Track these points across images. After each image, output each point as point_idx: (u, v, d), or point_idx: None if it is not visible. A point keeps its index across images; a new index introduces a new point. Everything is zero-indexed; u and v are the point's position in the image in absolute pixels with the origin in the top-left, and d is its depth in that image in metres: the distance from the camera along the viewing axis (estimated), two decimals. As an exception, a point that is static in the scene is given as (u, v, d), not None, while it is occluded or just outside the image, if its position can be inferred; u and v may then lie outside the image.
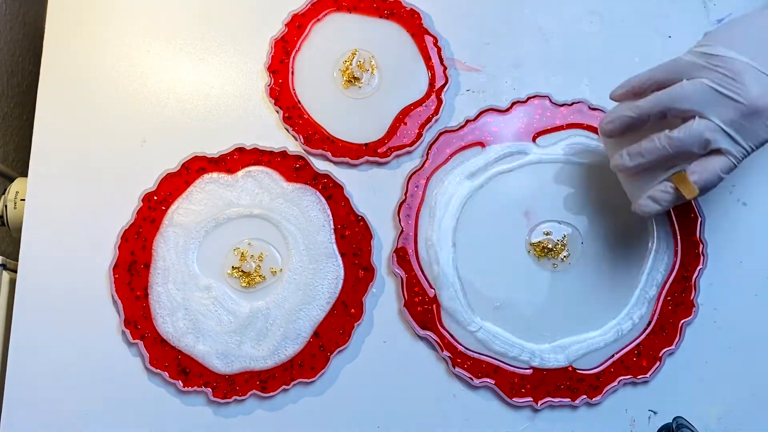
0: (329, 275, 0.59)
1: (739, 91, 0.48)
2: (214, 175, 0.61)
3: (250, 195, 0.61)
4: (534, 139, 0.63)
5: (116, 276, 0.59)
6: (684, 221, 0.61)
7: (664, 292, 0.60)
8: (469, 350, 0.58)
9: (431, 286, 0.59)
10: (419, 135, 0.63)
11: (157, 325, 0.58)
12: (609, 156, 0.55)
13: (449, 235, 0.60)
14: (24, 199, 0.62)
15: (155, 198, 0.60)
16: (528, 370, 0.58)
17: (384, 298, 0.60)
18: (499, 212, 0.61)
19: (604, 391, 0.58)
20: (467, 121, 0.63)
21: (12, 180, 0.65)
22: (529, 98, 0.64)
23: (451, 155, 0.62)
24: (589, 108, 0.63)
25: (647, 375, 0.59)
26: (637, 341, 0.59)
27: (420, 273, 0.60)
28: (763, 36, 0.49)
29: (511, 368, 0.58)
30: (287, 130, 0.63)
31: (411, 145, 0.62)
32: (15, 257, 0.61)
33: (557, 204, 0.62)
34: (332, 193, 0.61)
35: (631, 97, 0.52)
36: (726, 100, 0.48)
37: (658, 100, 0.49)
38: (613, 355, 0.59)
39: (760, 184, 0.63)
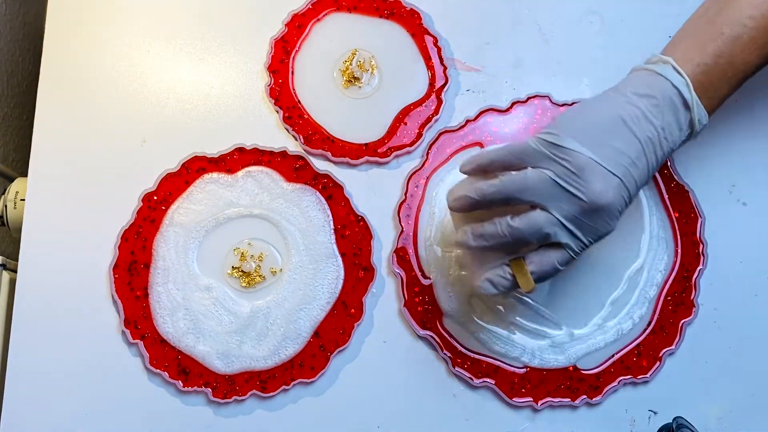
0: (329, 275, 0.59)
1: (581, 187, 0.47)
2: (214, 175, 0.61)
3: (250, 195, 0.61)
4: None
5: (116, 276, 0.59)
6: (684, 221, 0.61)
7: (664, 292, 0.60)
8: (469, 350, 0.58)
9: (431, 286, 0.59)
10: (419, 135, 0.63)
11: (157, 325, 0.58)
12: (454, 226, 0.54)
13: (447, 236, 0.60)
14: (24, 199, 0.62)
15: (155, 198, 0.60)
16: (522, 369, 0.58)
17: (384, 298, 0.60)
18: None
19: (604, 391, 0.58)
20: (467, 121, 0.63)
21: (12, 180, 0.65)
22: (529, 98, 0.64)
23: (451, 155, 0.62)
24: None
25: (647, 375, 0.59)
26: (637, 341, 0.59)
27: (420, 273, 0.60)
28: (607, 125, 0.48)
29: (512, 368, 0.58)
30: (287, 130, 0.63)
31: (411, 145, 0.62)
32: (15, 257, 0.61)
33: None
34: (332, 193, 0.61)
35: (479, 173, 0.51)
36: (568, 195, 0.47)
37: (502, 188, 0.48)
38: (613, 355, 0.59)
39: (760, 184, 0.63)
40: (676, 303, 0.60)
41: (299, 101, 0.63)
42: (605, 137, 0.48)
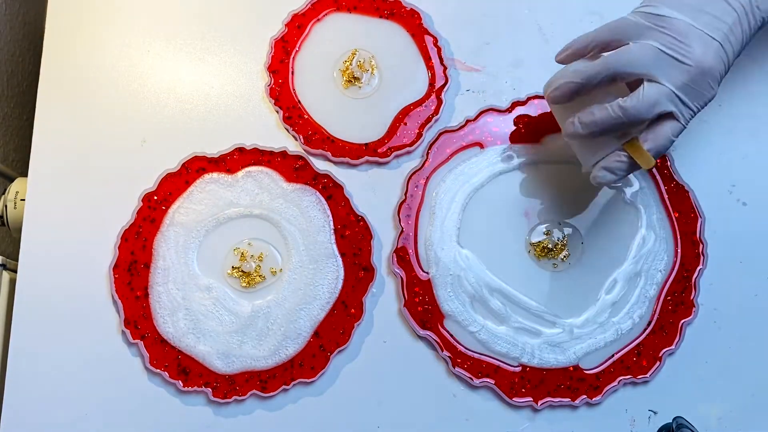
0: (329, 275, 0.59)
1: (686, 52, 0.48)
2: (215, 175, 0.61)
3: (250, 195, 0.61)
4: (539, 141, 0.63)
5: (116, 276, 0.59)
6: (684, 221, 0.61)
7: (664, 292, 0.60)
8: (470, 350, 0.58)
9: (431, 286, 0.59)
10: (419, 135, 0.63)
11: (157, 325, 0.58)
12: (559, 122, 0.54)
13: (449, 236, 0.60)
14: (24, 199, 0.62)
15: (155, 198, 0.60)
16: (518, 368, 0.58)
17: (384, 298, 0.60)
18: (499, 212, 0.61)
19: (604, 391, 0.58)
20: (467, 121, 0.63)
21: (12, 180, 0.65)
22: (529, 98, 0.64)
23: (451, 155, 0.62)
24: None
25: (647, 375, 0.59)
26: (637, 341, 0.59)
27: (420, 273, 0.60)
28: None
29: (512, 368, 0.58)
30: (287, 130, 0.63)
31: (411, 145, 0.62)
32: (15, 257, 0.61)
33: (557, 204, 0.62)
34: (332, 193, 0.61)
35: (576, 58, 0.52)
36: (674, 63, 0.48)
37: (606, 65, 0.49)
38: (613, 355, 0.59)
39: (760, 184, 0.64)
40: (676, 303, 0.60)
41: (299, 101, 0.63)
42: (702, 4, 0.49)
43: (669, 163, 0.63)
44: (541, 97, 0.64)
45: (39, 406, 0.57)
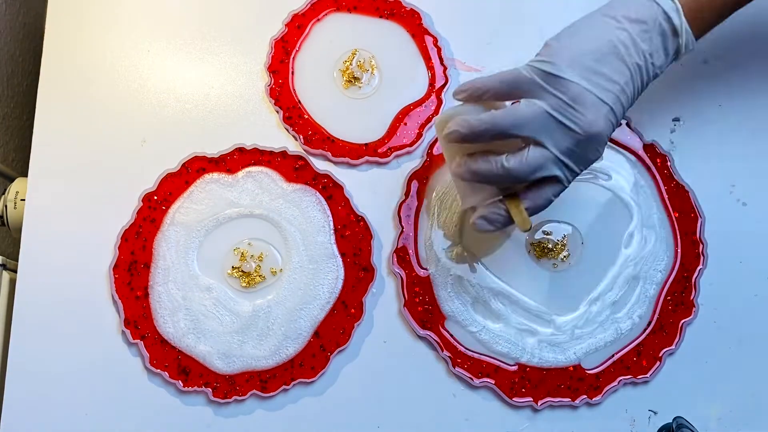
0: (329, 275, 0.59)
1: (575, 118, 0.47)
2: (215, 175, 0.61)
3: (250, 195, 0.61)
4: None
5: (116, 276, 0.59)
6: (684, 221, 0.61)
7: (664, 291, 0.60)
8: (470, 350, 0.58)
9: (431, 286, 0.59)
10: (419, 135, 0.63)
11: (158, 325, 0.58)
12: (445, 157, 0.53)
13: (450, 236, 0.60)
14: (24, 199, 0.62)
15: (155, 198, 0.60)
16: (517, 368, 0.58)
17: (384, 298, 0.60)
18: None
19: (604, 391, 0.58)
20: (467, 121, 0.63)
21: (12, 180, 0.65)
22: (529, 98, 0.64)
23: (451, 155, 0.62)
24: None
25: (647, 375, 0.59)
26: (637, 341, 0.59)
27: (419, 270, 0.60)
28: (599, 52, 0.48)
29: (512, 368, 0.58)
30: (287, 130, 0.63)
31: (411, 145, 0.62)
32: (15, 257, 0.61)
33: (557, 204, 0.61)
34: (332, 193, 0.61)
35: (471, 100, 0.50)
36: (562, 128, 0.47)
37: (494, 124, 0.48)
38: (613, 355, 0.59)
39: (760, 184, 0.64)
40: (676, 303, 0.60)
41: (299, 101, 0.63)
42: (597, 65, 0.48)
43: (669, 163, 0.63)
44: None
45: (39, 406, 0.57)
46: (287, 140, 0.63)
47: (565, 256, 0.60)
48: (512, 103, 0.50)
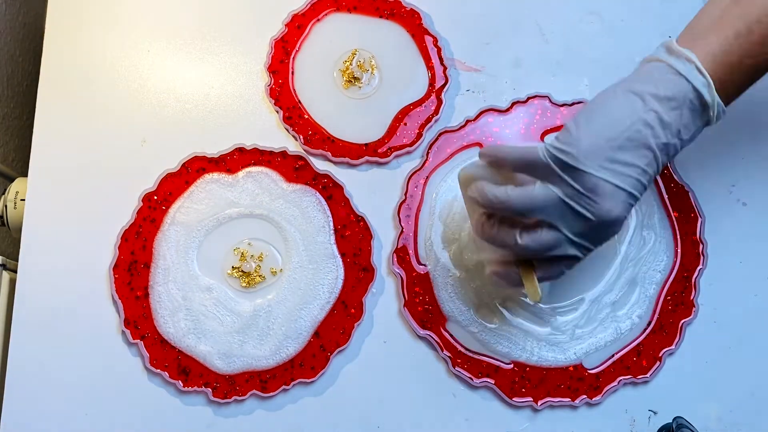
0: (329, 275, 0.59)
1: (591, 208, 0.46)
2: (215, 175, 0.61)
3: (250, 195, 0.61)
4: (542, 138, 0.63)
5: (116, 276, 0.59)
6: (684, 221, 0.61)
7: (664, 291, 0.60)
8: (470, 350, 0.58)
9: (431, 286, 0.59)
10: (419, 135, 0.63)
11: (158, 325, 0.58)
12: (467, 209, 0.53)
13: (450, 236, 0.60)
14: (24, 199, 0.62)
15: (155, 198, 0.60)
16: (517, 367, 0.58)
17: (384, 298, 0.60)
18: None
19: (604, 391, 0.58)
20: (467, 121, 0.63)
21: (12, 180, 0.65)
22: (529, 98, 0.64)
23: (451, 155, 0.62)
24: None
25: (647, 375, 0.59)
26: (637, 341, 0.59)
27: (418, 266, 0.60)
28: (624, 139, 0.46)
29: (511, 368, 0.58)
30: (287, 130, 0.63)
31: (411, 145, 0.62)
32: (15, 257, 0.61)
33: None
34: (332, 193, 0.61)
35: (492, 166, 0.50)
36: (577, 214, 0.46)
37: (508, 204, 0.47)
38: (613, 355, 0.59)
39: (760, 184, 0.64)
40: (676, 303, 0.60)
41: (299, 101, 0.63)
42: (617, 153, 0.46)
43: (669, 163, 0.63)
44: (542, 97, 0.64)
45: (39, 406, 0.57)
46: (287, 140, 0.63)
47: (565, 256, 0.60)
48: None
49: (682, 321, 0.60)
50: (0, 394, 0.58)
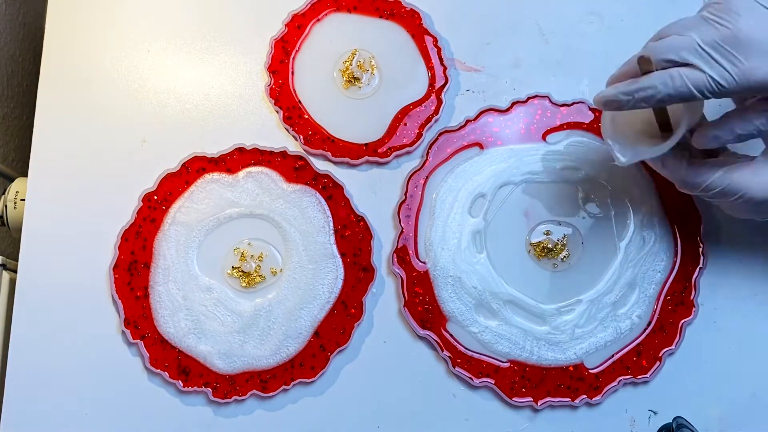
0: (329, 275, 0.59)
1: (730, 18, 0.43)
2: (215, 175, 0.61)
3: (250, 195, 0.61)
4: (544, 138, 0.63)
5: (116, 276, 0.59)
6: (684, 221, 0.61)
7: (664, 291, 0.60)
8: (470, 350, 0.58)
9: (432, 286, 0.59)
10: (419, 135, 0.63)
11: (158, 325, 0.58)
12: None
13: (450, 236, 0.60)
14: (24, 199, 0.62)
15: (155, 198, 0.60)
16: (516, 367, 0.58)
17: (384, 298, 0.60)
18: (498, 212, 0.61)
19: (604, 391, 0.58)
20: (467, 121, 0.63)
21: (12, 180, 0.65)
22: (529, 98, 0.64)
23: (451, 155, 0.62)
24: (589, 108, 0.63)
25: (647, 375, 0.59)
26: (637, 341, 0.59)
27: (417, 264, 0.60)
28: None
29: (512, 368, 0.58)
30: (287, 130, 0.63)
31: (411, 145, 0.63)
32: (15, 257, 0.61)
33: (557, 204, 0.62)
34: (332, 193, 0.61)
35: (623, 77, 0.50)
36: (712, 24, 0.44)
37: (644, 48, 0.46)
38: (613, 355, 0.59)
39: (760, 184, 0.63)
40: (676, 303, 0.60)
41: (299, 101, 0.63)
42: None
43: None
44: (542, 97, 0.64)
45: (39, 405, 0.57)
46: (287, 140, 0.63)
47: (565, 256, 0.60)
48: None
49: (682, 321, 0.60)
50: (0, 394, 0.58)
